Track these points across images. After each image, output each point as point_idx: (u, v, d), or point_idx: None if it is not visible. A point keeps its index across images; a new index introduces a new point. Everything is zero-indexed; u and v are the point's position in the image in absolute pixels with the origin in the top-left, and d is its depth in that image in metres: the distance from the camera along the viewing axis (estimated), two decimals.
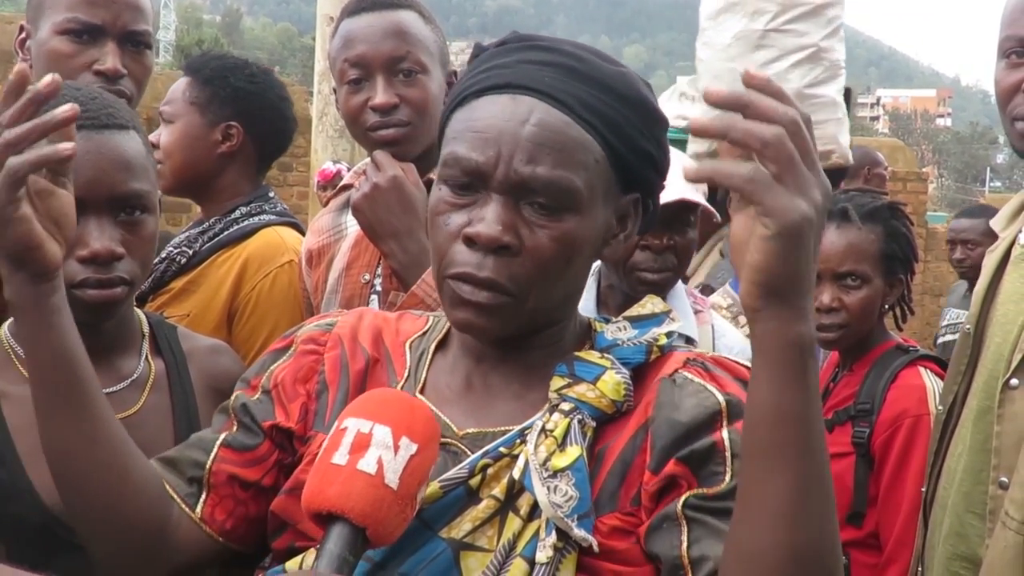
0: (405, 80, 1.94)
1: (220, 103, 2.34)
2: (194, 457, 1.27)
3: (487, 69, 1.17)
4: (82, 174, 1.44)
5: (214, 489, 1.25)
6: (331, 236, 2.14)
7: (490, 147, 1.10)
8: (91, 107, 1.49)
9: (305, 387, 1.26)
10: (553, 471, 1.07)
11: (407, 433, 1.03)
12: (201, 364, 1.68)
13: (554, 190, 1.10)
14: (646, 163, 1.18)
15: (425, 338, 1.29)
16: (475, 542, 1.10)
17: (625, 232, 1.21)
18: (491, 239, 1.09)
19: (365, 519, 0.99)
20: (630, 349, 1.18)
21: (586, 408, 1.12)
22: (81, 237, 1.45)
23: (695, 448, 1.08)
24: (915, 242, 2.40)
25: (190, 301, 2.25)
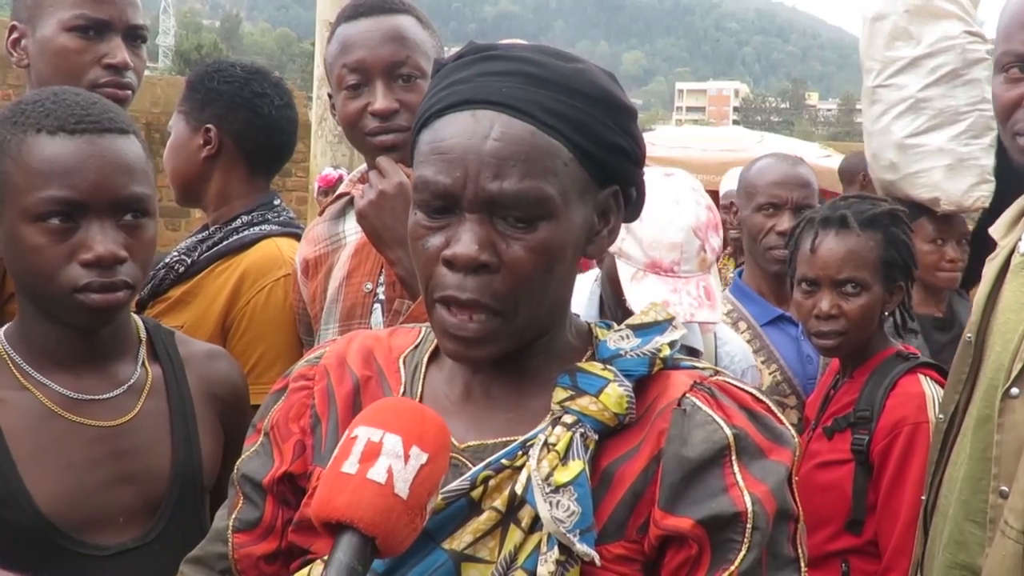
0: (404, 85, 1.93)
1: (199, 107, 2.34)
2: (216, 551, 1.29)
3: (447, 86, 1.15)
4: (85, 178, 1.45)
5: (245, 574, 1.26)
6: (328, 245, 2.13)
7: (456, 168, 1.09)
8: (92, 111, 1.49)
9: (299, 424, 1.26)
10: (555, 486, 1.07)
11: (417, 442, 1.02)
12: (198, 369, 1.68)
13: (525, 202, 1.08)
14: (618, 156, 1.16)
15: (418, 351, 1.28)
16: (476, 553, 1.10)
17: (608, 227, 1.20)
18: (468, 259, 1.09)
19: (374, 529, 0.98)
20: (633, 361, 1.17)
21: (589, 421, 1.11)
22: (84, 241, 1.45)
23: (718, 515, 1.07)
24: (915, 248, 2.39)
25: (186, 312, 2.24)
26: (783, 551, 1.10)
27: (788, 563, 1.10)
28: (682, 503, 1.09)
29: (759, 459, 1.10)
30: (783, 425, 1.15)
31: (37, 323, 1.54)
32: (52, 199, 1.44)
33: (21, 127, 1.48)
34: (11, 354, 1.54)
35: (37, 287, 1.49)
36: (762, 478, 1.09)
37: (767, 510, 1.08)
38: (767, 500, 1.08)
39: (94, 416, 1.53)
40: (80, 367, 1.55)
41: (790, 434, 1.14)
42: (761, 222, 2.86)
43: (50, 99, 1.51)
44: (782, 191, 2.86)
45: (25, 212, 1.45)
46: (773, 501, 1.09)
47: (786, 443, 1.13)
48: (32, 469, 1.46)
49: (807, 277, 2.35)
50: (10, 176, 1.47)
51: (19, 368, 1.53)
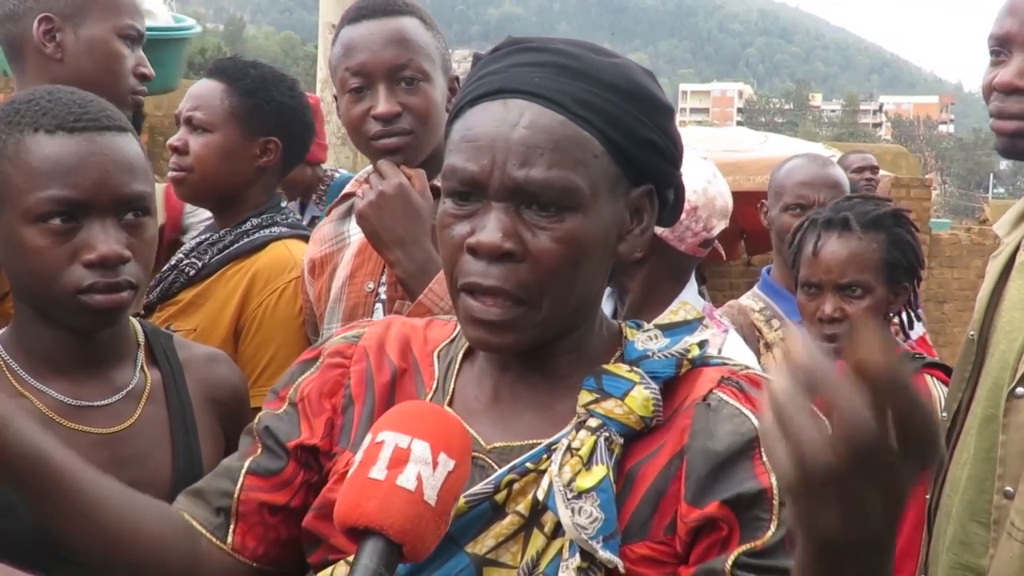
0: (407, 88, 1.93)
1: (262, 117, 2.32)
2: (221, 487, 1.27)
3: (481, 77, 1.15)
4: (87, 176, 1.43)
5: (243, 517, 1.25)
6: (333, 245, 2.13)
7: (483, 155, 1.09)
8: (90, 109, 1.47)
9: (331, 401, 1.25)
10: (578, 492, 1.06)
11: (445, 449, 1.02)
12: (198, 374, 1.65)
13: (551, 191, 1.08)
14: (651, 153, 1.15)
15: (453, 346, 1.27)
16: (499, 558, 1.09)
17: (641, 226, 1.18)
18: (492, 247, 1.08)
19: (403, 535, 0.98)
20: (660, 362, 1.15)
21: (614, 425, 1.10)
22: (87, 241, 1.43)
23: (743, 492, 1.06)
24: (920, 249, 2.38)
25: (198, 315, 2.24)
26: None
27: None
28: (708, 495, 1.07)
29: None
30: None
31: (34, 327, 1.51)
32: (54, 199, 1.41)
33: (17, 127, 1.45)
34: (7, 360, 1.51)
35: (38, 290, 1.46)
36: None
37: None
38: None
39: (93, 423, 1.50)
40: (78, 373, 1.52)
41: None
42: (789, 222, 2.87)
43: (45, 97, 1.48)
44: (810, 192, 2.86)
45: (25, 213, 1.43)
46: None
47: None
48: None
49: (810, 280, 2.35)
50: (8, 177, 1.44)
51: (15, 375, 1.50)
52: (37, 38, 2.12)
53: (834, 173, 2.93)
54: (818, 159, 3.05)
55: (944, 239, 10.88)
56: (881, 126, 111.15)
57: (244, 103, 2.31)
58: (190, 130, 2.31)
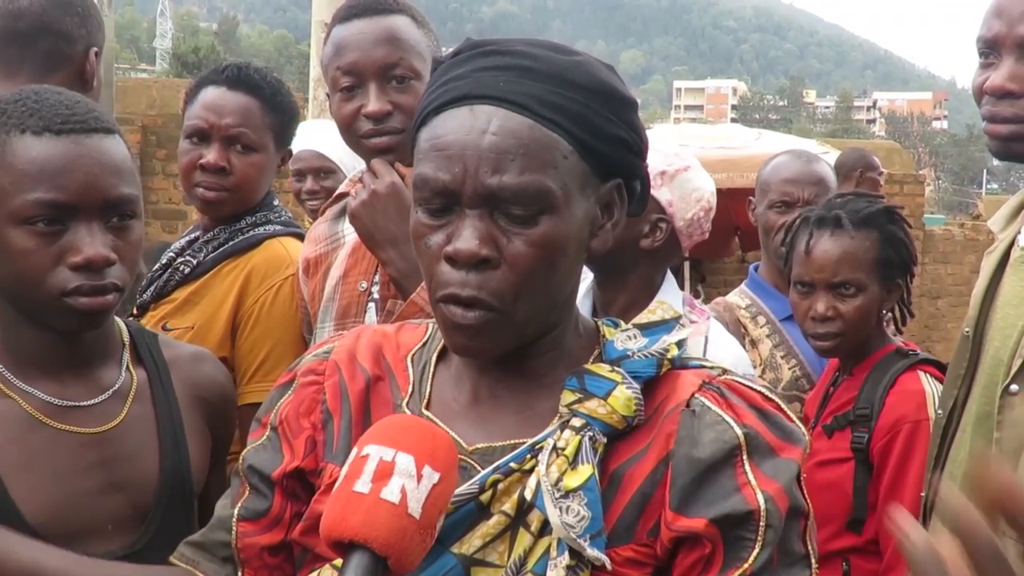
0: (398, 87, 1.93)
1: (289, 130, 2.34)
2: (219, 539, 1.27)
3: (445, 83, 1.15)
4: (74, 179, 1.42)
5: (247, 564, 1.25)
6: (328, 244, 2.13)
7: (455, 164, 1.09)
8: (77, 110, 1.46)
9: (309, 420, 1.25)
10: (565, 491, 1.06)
11: (429, 461, 1.02)
12: (184, 372, 1.65)
13: (525, 196, 1.08)
14: (619, 148, 1.16)
15: (426, 349, 1.27)
16: (486, 558, 1.09)
17: (612, 220, 1.19)
18: (469, 254, 1.08)
19: (388, 549, 0.98)
20: (640, 362, 1.16)
21: (597, 424, 1.11)
22: (73, 244, 1.42)
23: (731, 513, 1.07)
24: (913, 246, 2.38)
25: (193, 313, 2.23)
26: (794, 548, 1.09)
27: (799, 560, 1.10)
28: (694, 504, 1.08)
29: (770, 457, 1.10)
30: (793, 423, 1.14)
31: (19, 329, 1.50)
32: (40, 202, 1.41)
33: (3, 127, 1.44)
34: None
35: (23, 292, 1.45)
36: (774, 476, 1.09)
37: (779, 507, 1.07)
38: (779, 497, 1.08)
39: (79, 423, 1.49)
40: (64, 373, 1.51)
41: (800, 432, 1.14)
42: (774, 219, 2.86)
43: (32, 98, 1.47)
44: (793, 188, 2.85)
45: (11, 215, 1.42)
46: (785, 498, 1.08)
47: (796, 440, 1.12)
48: (18, 479, 1.43)
49: (802, 279, 2.34)
50: None
51: (1, 376, 1.49)
52: (89, 68, 2.27)
53: (819, 170, 2.92)
54: (803, 155, 3.04)
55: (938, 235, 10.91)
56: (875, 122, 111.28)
57: (278, 119, 2.31)
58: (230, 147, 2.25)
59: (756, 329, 2.79)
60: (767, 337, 2.74)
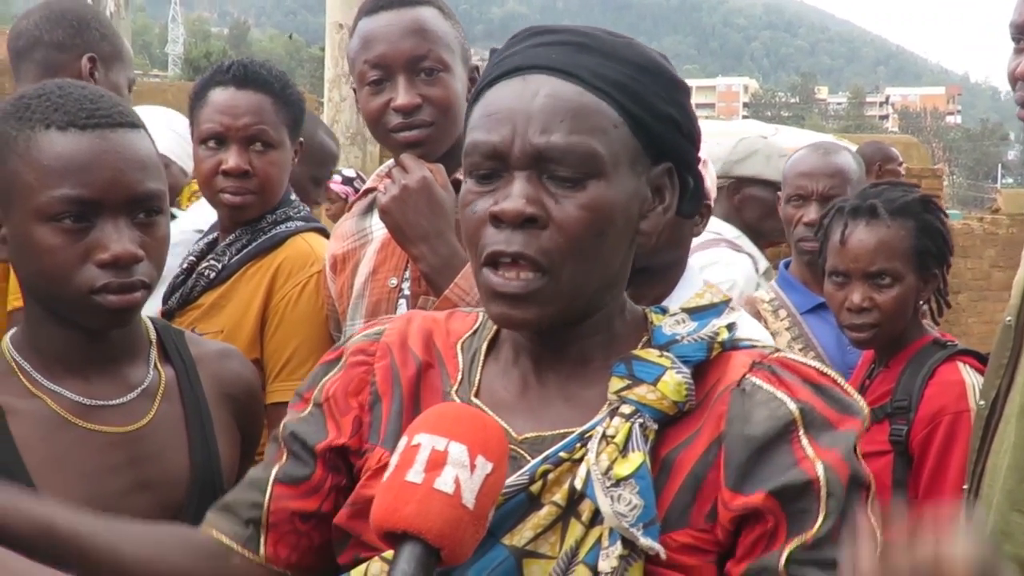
0: (427, 79, 1.91)
1: (300, 123, 2.32)
2: (250, 499, 1.26)
3: (498, 62, 1.17)
4: (100, 174, 1.39)
5: (274, 527, 1.24)
6: (355, 241, 2.11)
7: (504, 126, 1.10)
8: (101, 105, 1.43)
9: (357, 399, 1.24)
10: (616, 480, 1.04)
11: (482, 451, 1.00)
12: (211, 369, 1.63)
13: (573, 156, 1.08)
14: (670, 128, 1.15)
15: (476, 337, 1.26)
16: (537, 549, 1.08)
17: (664, 204, 1.17)
18: (516, 213, 1.08)
19: (441, 540, 0.96)
20: (690, 346, 1.14)
21: (647, 411, 1.09)
22: (100, 240, 1.40)
23: (788, 483, 1.05)
24: (949, 235, 2.34)
25: (222, 316, 2.21)
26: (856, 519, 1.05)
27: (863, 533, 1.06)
28: (751, 481, 1.06)
29: (828, 430, 1.07)
30: (850, 395, 1.12)
31: (46, 327, 1.48)
32: (67, 198, 1.38)
33: (28, 123, 1.41)
34: (19, 361, 1.48)
35: (51, 289, 1.43)
36: (831, 446, 1.06)
37: (839, 476, 1.05)
38: (839, 466, 1.05)
39: (108, 422, 1.47)
40: (91, 372, 1.49)
41: (859, 404, 1.11)
42: (791, 213, 2.86)
43: (56, 92, 1.44)
44: (808, 182, 2.84)
45: (37, 212, 1.39)
46: (845, 467, 1.06)
47: (855, 413, 1.10)
48: (47, 479, 1.41)
49: (837, 269, 2.31)
50: (19, 175, 1.40)
51: (28, 376, 1.47)
52: (84, 73, 2.42)
53: (836, 161, 2.89)
54: (821, 147, 3.01)
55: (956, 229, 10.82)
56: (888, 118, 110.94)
57: (291, 113, 2.29)
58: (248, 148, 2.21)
59: (776, 322, 2.78)
60: (786, 330, 2.72)
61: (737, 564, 1.06)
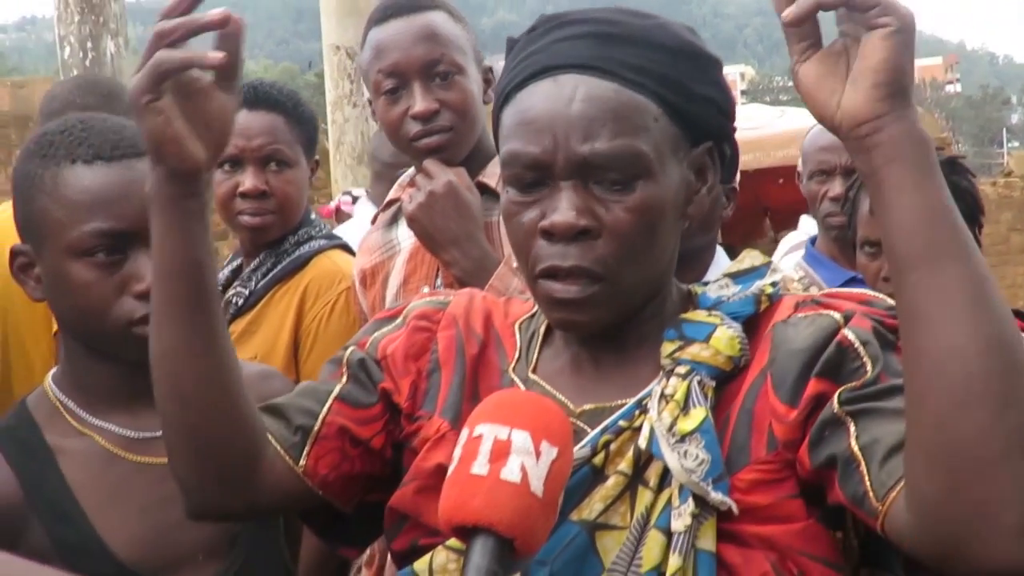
0: (442, 84, 1.89)
1: (314, 140, 2.31)
2: (305, 405, 1.22)
3: (524, 59, 1.13)
4: (130, 205, 1.38)
5: (321, 441, 1.20)
6: (383, 253, 2.10)
7: (544, 136, 1.07)
8: (125, 135, 1.43)
9: (416, 364, 1.22)
10: (680, 435, 1.03)
11: (546, 437, 0.98)
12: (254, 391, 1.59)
13: (620, 161, 1.06)
14: (708, 108, 1.14)
15: (534, 320, 1.25)
16: (608, 521, 1.06)
17: (707, 185, 1.16)
18: (568, 226, 1.06)
19: (513, 530, 0.94)
20: (738, 303, 1.13)
21: (703, 368, 1.08)
22: (135, 272, 1.39)
23: (826, 358, 1.03)
24: (979, 195, 2.31)
25: (253, 343, 2.20)
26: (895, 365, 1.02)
27: None
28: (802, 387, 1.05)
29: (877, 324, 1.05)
30: None
31: (86, 363, 1.47)
32: (98, 232, 1.38)
33: (53, 159, 1.40)
34: (63, 400, 1.47)
35: (89, 325, 1.42)
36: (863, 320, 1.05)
37: (863, 327, 1.04)
38: (861, 321, 1.04)
39: (157, 453, 1.44)
40: (135, 405, 1.47)
41: None
42: (815, 189, 2.86)
43: (78, 127, 1.44)
44: (830, 156, 2.83)
45: (69, 248, 1.39)
46: (867, 321, 1.04)
47: None
48: (103, 516, 1.41)
49: (869, 239, 2.28)
50: (48, 212, 1.39)
51: (74, 414, 1.46)
52: None
53: None
54: None
55: None
56: None
57: (304, 131, 2.28)
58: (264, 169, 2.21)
59: None
60: None
61: (805, 444, 1.05)
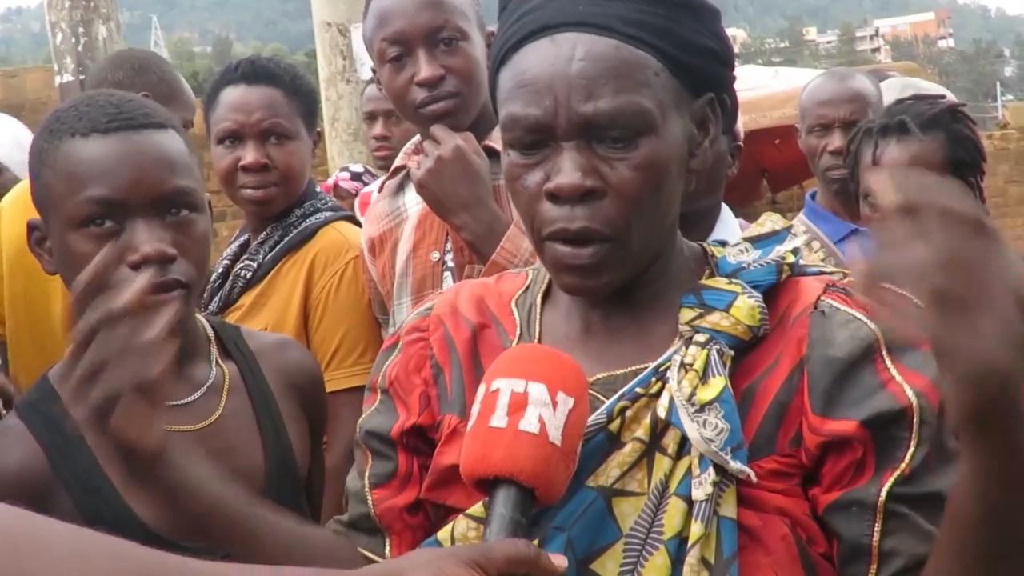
0: (447, 49, 1.90)
1: (315, 111, 2.33)
2: (361, 512, 1.25)
3: (519, 19, 1.11)
4: (123, 175, 1.39)
5: (390, 529, 1.23)
6: (391, 221, 2.10)
7: (544, 97, 1.05)
8: (125, 109, 1.43)
9: (420, 376, 1.22)
10: (700, 405, 1.03)
11: (562, 387, 0.99)
12: (271, 361, 1.63)
13: (622, 119, 1.05)
14: (709, 60, 1.12)
15: (529, 293, 1.24)
16: (625, 487, 1.06)
17: (709, 137, 1.14)
18: (574, 188, 1.05)
19: (535, 479, 0.96)
20: (759, 271, 1.12)
21: (722, 337, 1.07)
22: (130, 242, 1.39)
23: (882, 412, 1.02)
24: (981, 143, 2.31)
25: (264, 314, 2.22)
26: (948, 445, 1.03)
27: (956, 457, 1.02)
28: (839, 406, 1.04)
29: (911, 350, 1.05)
30: None
31: None
32: (91, 200, 1.38)
33: (57, 135, 1.42)
34: None
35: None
36: (919, 369, 1.04)
37: (931, 402, 1.02)
38: (930, 392, 1.03)
39: (179, 421, 1.47)
40: None
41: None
42: (815, 143, 2.85)
43: (84, 102, 1.45)
44: (828, 110, 2.83)
45: (69, 220, 1.40)
46: (936, 392, 1.03)
47: None
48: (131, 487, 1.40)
49: None
50: (51, 186, 1.42)
51: None
52: None
53: (853, 86, 2.88)
54: (836, 74, 3.02)
55: None
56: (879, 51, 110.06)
57: (304, 103, 2.29)
58: (265, 142, 2.23)
59: (810, 255, 2.76)
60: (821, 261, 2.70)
61: (826, 492, 1.05)
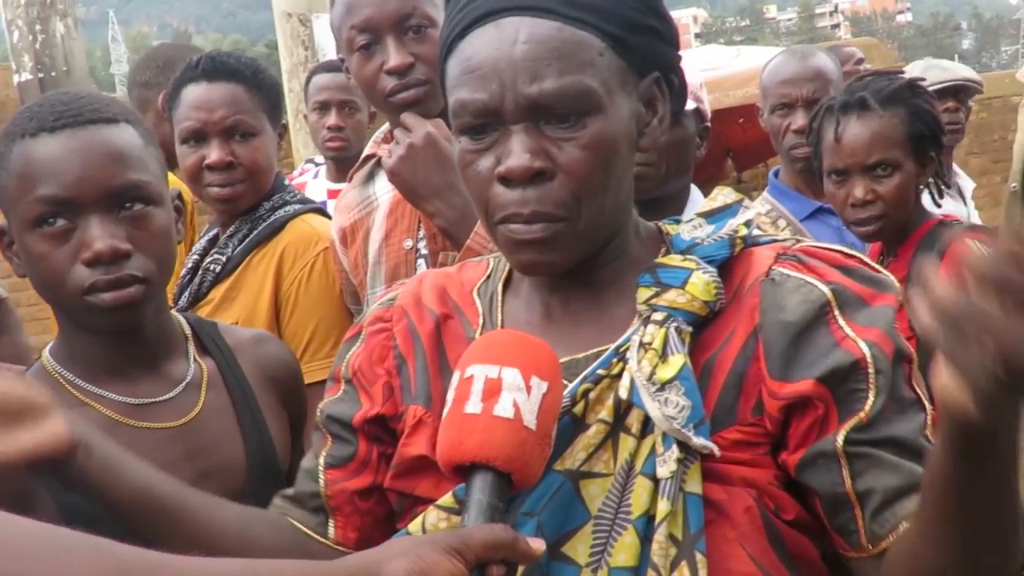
0: (416, 37, 1.90)
1: (279, 105, 2.31)
2: (308, 490, 1.27)
3: (464, 6, 1.13)
4: (71, 172, 1.38)
5: (338, 511, 1.25)
6: (362, 210, 2.11)
7: (490, 81, 1.07)
8: (74, 106, 1.42)
9: (383, 366, 1.24)
10: (660, 384, 1.05)
11: (535, 372, 1.01)
12: (250, 356, 1.63)
13: (568, 98, 1.06)
14: (652, 39, 1.14)
15: (490, 281, 1.26)
16: (592, 469, 1.08)
17: (658, 116, 1.16)
18: (523, 169, 1.06)
19: (511, 464, 0.98)
20: (712, 246, 1.14)
21: (680, 314, 1.09)
22: (83, 239, 1.38)
23: (837, 366, 1.05)
24: (940, 117, 2.35)
25: (234, 308, 2.22)
26: (903, 393, 1.07)
27: (910, 404, 1.07)
28: (795, 367, 1.07)
29: (863, 308, 1.08)
30: (879, 272, 1.12)
31: (77, 335, 1.48)
32: (42, 199, 1.38)
33: (11, 137, 1.42)
34: (61, 372, 1.48)
35: (53, 296, 1.43)
36: (871, 323, 1.06)
37: (885, 352, 1.05)
38: (883, 342, 1.06)
39: (158, 419, 1.48)
40: (133, 372, 1.49)
41: (889, 279, 1.12)
42: (778, 123, 2.87)
43: (39, 103, 1.44)
44: (791, 89, 2.85)
45: (24, 221, 1.40)
46: (889, 342, 1.06)
47: (887, 288, 1.10)
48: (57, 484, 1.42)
49: (836, 167, 2.31)
50: (6, 188, 1.41)
51: (72, 384, 1.47)
52: (161, 106, 2.66)
53: (815, 64, 2.90)
54: (797, 53, 3.03)
55: None
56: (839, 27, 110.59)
57: (267, 97, 2.28)
58: (229, 140, 2.21)
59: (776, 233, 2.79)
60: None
61: (792, 453, 1.07)
